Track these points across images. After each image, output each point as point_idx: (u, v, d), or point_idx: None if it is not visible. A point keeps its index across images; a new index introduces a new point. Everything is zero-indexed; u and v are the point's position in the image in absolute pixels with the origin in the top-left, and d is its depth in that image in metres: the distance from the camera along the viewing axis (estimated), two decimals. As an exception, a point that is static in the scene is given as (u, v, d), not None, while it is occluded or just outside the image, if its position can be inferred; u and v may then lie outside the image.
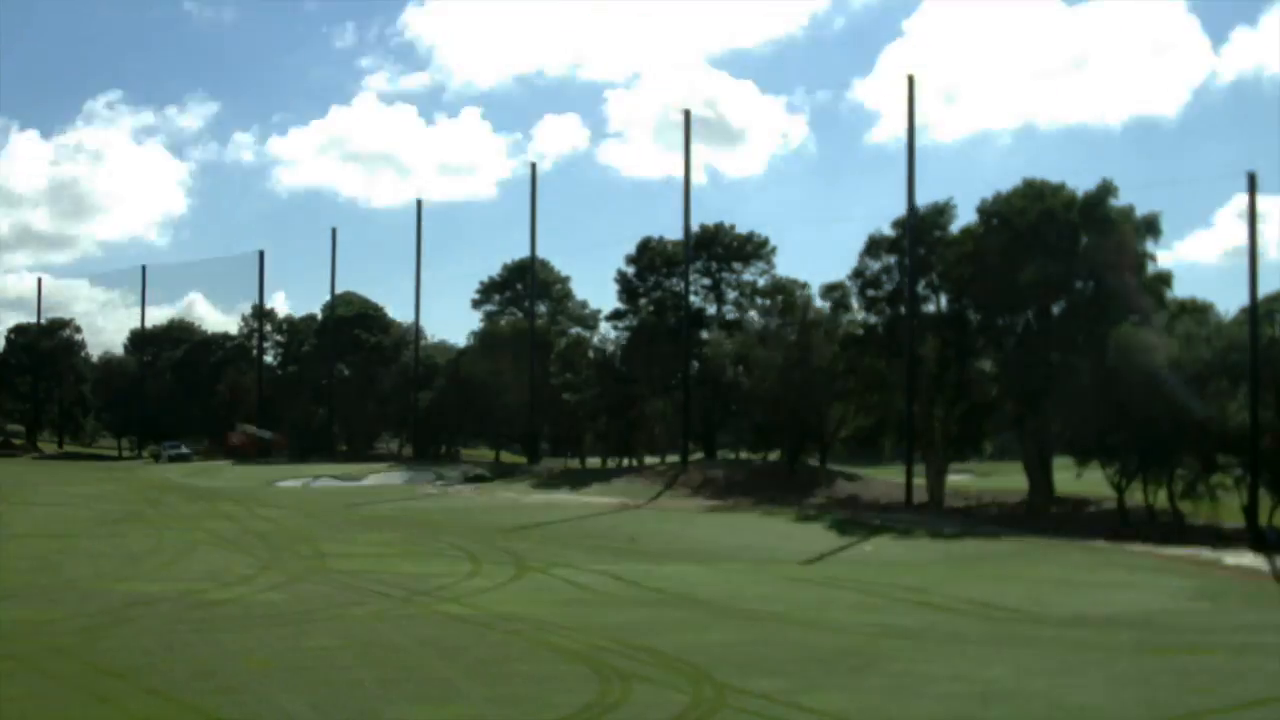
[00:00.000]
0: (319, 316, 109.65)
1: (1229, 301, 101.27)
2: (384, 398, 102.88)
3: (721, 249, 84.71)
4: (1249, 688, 17.21)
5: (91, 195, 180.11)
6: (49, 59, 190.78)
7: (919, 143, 58.68)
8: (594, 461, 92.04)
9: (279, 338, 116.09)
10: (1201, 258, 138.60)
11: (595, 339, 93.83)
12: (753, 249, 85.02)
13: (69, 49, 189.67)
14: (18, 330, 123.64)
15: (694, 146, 66.20)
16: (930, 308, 58.36)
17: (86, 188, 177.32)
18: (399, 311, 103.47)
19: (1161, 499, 48.57)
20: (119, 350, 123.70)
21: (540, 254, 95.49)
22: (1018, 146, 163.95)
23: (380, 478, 69.37)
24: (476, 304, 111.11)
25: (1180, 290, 54.79)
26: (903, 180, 57.50)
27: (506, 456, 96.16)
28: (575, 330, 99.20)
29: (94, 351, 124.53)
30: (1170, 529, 43.89)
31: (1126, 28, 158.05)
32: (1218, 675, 18.10)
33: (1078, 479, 52.88)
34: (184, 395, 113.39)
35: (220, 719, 13.71)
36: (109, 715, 13.95)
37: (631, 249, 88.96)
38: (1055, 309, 54.10)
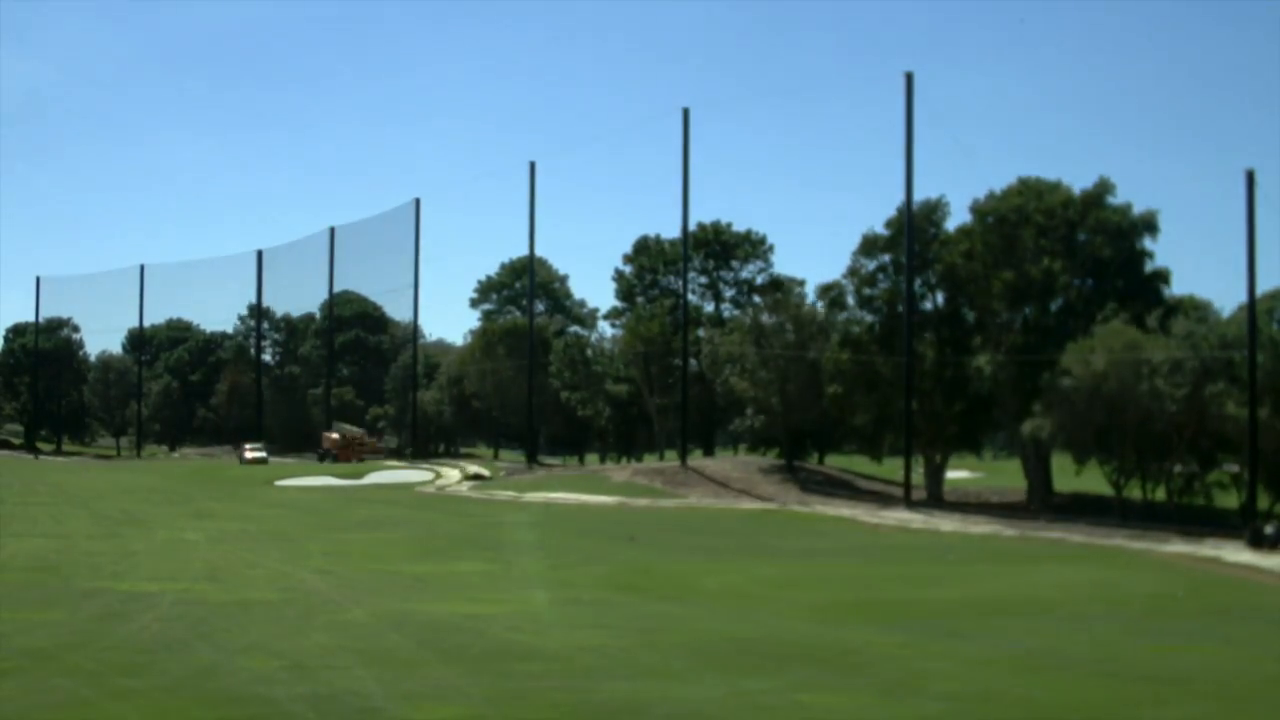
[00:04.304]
0: (317, 316, 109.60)
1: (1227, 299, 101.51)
2: (384, 397, 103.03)
3: (719, 247, 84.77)
4: (1244, 685, 17.24)
5: None
6: None
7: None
8: (592, 459, 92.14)
9: (276, 337, 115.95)
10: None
11: (593, 337, 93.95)
12: (750, 247, 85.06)
13: None
14: (15, 330, 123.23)
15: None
16: (927, 306, 58.45)
17: None
18: (397, 311, 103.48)
19: (1160, 496, 48.69)
20: (116, 349, 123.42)
21: (539, 252, 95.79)
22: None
23: (380, 477, 69.37)
24: (474, 303, 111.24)
25: (1178, 287, 55.04)
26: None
27: (505, 455, 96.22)
28: (574, 329, 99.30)
29: (91, 351, 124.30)
30: (1168, 526, 43.95)
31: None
32: (1214, 673, 18.12)
33: (1076, 476, 52.96)
34: (183, 396, 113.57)
35: (220, 718, 13.72)
36: (108, 715, 13.95)
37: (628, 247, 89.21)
38: (1053, 306, 54.18)
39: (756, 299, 76.52)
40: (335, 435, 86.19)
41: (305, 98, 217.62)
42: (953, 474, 64.08)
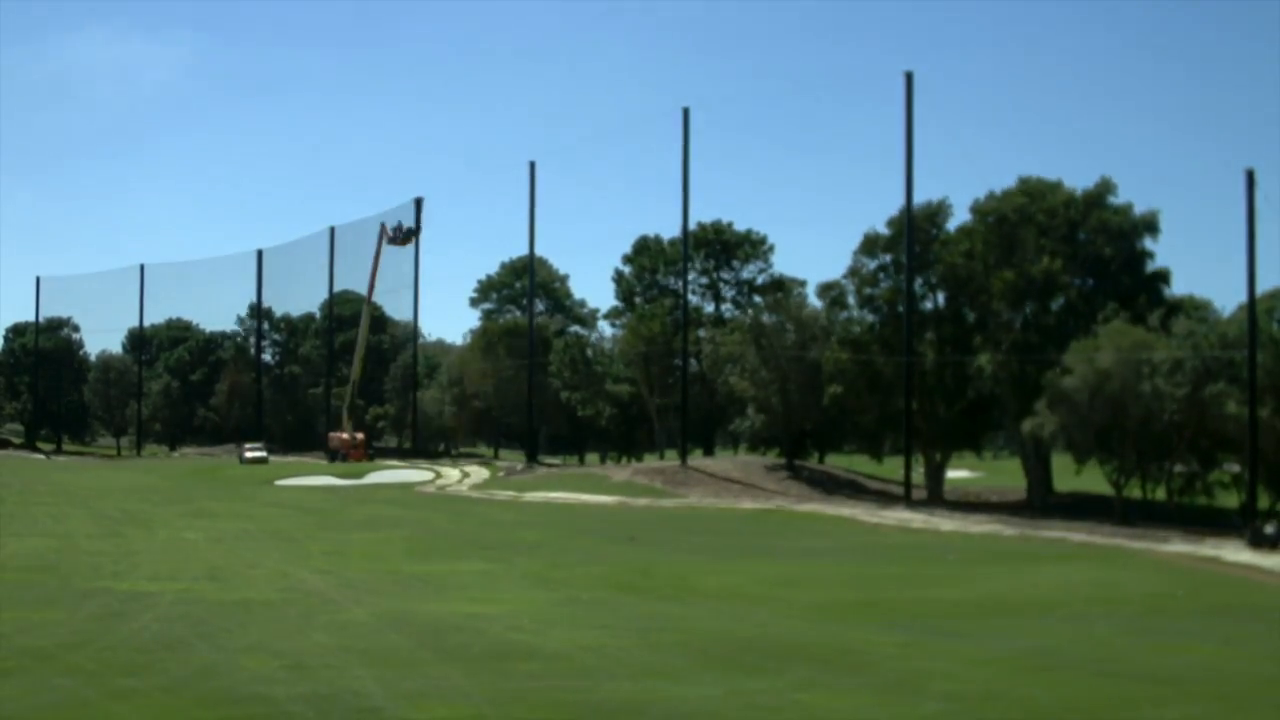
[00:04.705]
0: (317, 316, 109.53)
1: (1227, 299, 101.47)
2: (384, 397, 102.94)
3: (720, 247, 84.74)
4: (1243, 685, 17.23)
5: None
6: None
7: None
8: (592, 459, 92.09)
9: (276, 336, 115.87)
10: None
11: (593, 337, 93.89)
12: (751, 247, 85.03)
13: None
14: (15, 330, 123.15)
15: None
16: (928, 305, 58.47)
17: None
18: (397, 311, 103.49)
19: (1160, 496, 48.64)
20: (116, 349, 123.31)
21: (539, 252, 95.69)
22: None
23: (380, 476, 69.37)
24: (474, 303, 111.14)
25: (1179, 287, 55.10)
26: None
27: (505, 455, 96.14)
28: (574, 329, 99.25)
29: (91, 351, 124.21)
30: (1168, 526, 43.95)
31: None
32: (1213, 673, 18.12)
33: (1076, 476, 52.94)
34: (183, 396, 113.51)
35: (220, 718, 13.72)
36: (108, 715, 13.95)
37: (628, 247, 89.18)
38: (1054, 306, 54.21)
39: (757, 299, 76.52)
40: (344, 435, 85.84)
41: (306, 97, 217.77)
42: (953, 473, 64.08)
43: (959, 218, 57.63)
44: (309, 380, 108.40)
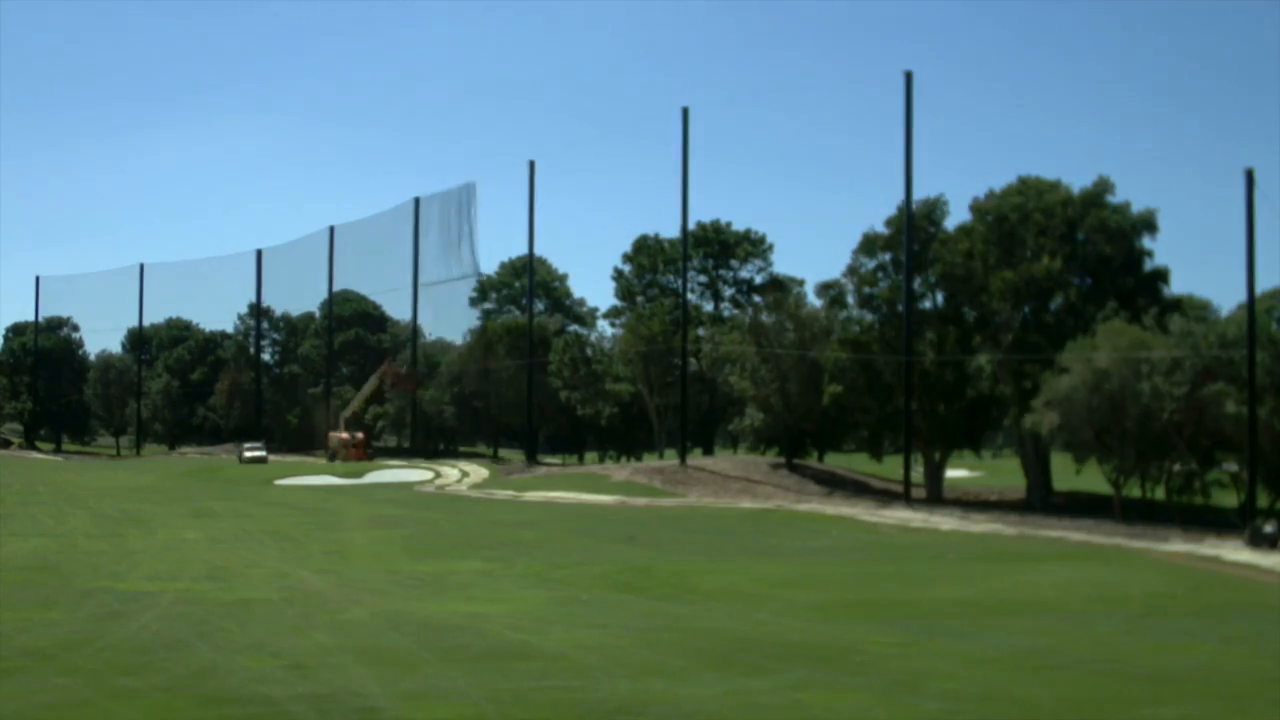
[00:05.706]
0: (317, 315, 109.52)
1: (1226, 299, 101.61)
2: (384, 396, 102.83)
3: (719, 246, 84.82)
4: (1243, 684, 17.24)
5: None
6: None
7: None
8: (591, 458, 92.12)
9: (276, 336, 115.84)
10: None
11: (593, 337, 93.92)
12: (750, 246, 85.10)
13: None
14: (15, 329, 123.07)
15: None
16: (927, 305, 58.49)
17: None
18: (396, 309, 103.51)
19: (1159, 495, 48.62)
20: (116, 349, 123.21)
21: (538, 252, 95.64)
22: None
23: (380, 476, 69.37)
24: (474, 302, 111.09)
25: (1178, 287, 55.14)
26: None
27: (505, 454, 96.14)
28: (573, 328, 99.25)
29: (91, 351, 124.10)
30: (1168, 525, 43.95)
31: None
32: (1213, 672, 18.13)
33: (1076, 475, 52.95)
34: (183, 395, 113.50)
35: (220, 718, 13.72)
36: (108, 715, 13.95)
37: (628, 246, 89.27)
38: (1053, 305, 54.23)
39: (756, 298, 76.54)
40: (344, 435, 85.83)
41: (305, 97, 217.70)
42: (952, 473, 64.10)
43: (958, 217, 57.70)
44: (309, 380, 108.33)
